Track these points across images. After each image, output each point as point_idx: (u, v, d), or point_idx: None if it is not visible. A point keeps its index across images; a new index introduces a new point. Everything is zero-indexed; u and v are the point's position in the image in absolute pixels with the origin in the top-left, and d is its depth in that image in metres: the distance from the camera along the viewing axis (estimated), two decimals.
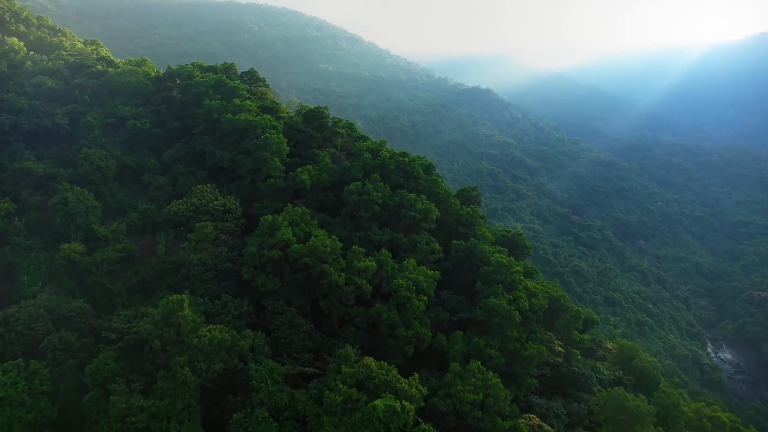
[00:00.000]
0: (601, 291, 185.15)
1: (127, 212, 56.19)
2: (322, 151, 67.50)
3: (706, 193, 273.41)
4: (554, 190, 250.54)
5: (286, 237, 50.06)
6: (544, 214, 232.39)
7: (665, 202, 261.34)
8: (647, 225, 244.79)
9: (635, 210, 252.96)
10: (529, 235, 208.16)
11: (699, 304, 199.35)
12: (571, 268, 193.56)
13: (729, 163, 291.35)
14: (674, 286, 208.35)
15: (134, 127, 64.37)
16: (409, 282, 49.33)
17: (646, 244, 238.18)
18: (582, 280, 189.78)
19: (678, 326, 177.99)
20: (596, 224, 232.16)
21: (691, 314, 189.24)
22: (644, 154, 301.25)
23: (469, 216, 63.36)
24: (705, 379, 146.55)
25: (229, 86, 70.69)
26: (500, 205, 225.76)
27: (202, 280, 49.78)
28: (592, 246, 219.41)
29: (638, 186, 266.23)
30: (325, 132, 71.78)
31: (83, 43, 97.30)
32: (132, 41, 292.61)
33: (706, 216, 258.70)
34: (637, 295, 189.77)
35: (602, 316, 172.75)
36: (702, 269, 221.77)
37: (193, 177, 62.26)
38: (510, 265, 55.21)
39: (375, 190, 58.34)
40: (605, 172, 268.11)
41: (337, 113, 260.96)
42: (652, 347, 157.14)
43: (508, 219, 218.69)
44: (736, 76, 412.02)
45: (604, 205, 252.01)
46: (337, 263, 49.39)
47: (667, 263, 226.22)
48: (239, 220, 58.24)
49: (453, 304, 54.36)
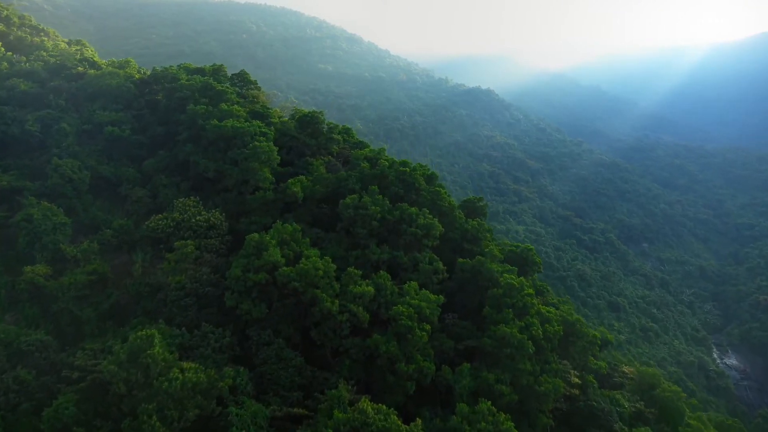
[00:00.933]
0: (605, 295, 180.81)
1: (101, 229, 50.64)
2: (316, 160, 61.98)
3: (709, 195, 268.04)
4: (556, 192, 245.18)
5: (274, 258, 44.58)
6: (546, 216, 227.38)
7: (668, 204, 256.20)
8: (650, 228, 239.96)
9: (638, 212, 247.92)
10: (531, 238, 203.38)
11: (704, 308, 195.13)
12: (574, 272, 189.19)
13: (732, 164, 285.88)
14: (678, 290, 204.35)
15: (112, 134, 58.74)
16: (411, 309, 43.89)
17: (650, 247, 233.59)
18: (585, 284, 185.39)
19: (683, 331, 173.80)
20: (599, 227, 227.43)
21: (696, 319, 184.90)
22: (646, 155, 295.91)
23: (475, 231, 57.87)
24: (711, 386, 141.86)
25: (217, 90, 65.08)
26: (502, 208, 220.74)
27: (181, 306, 44.30)
28: (594, 249, 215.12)
29: (641, 188, 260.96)
30: (319, 138, 66.23)
31: (67, 43, 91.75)
32: (129, 41, 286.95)
33: (710, 218, 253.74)
34: (641, 299, 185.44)
35: (606, 321, 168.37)
36: (706, 273, 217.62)
37: (176, 189, 56.69)
38: (521, 286, 49.73)
39: (373, 203, 52.85)
40: (608, 174, 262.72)
41: (336, 114, 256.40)
42: (657, 353, 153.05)
43: (510, 222, 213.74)
44: (737, 76, 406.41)
45: (607, 207, 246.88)
46: (330, 288, 43.92)
47: (670, 266, 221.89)
48: (224, 236, 52.78)
49: (458, 330, 48.91)
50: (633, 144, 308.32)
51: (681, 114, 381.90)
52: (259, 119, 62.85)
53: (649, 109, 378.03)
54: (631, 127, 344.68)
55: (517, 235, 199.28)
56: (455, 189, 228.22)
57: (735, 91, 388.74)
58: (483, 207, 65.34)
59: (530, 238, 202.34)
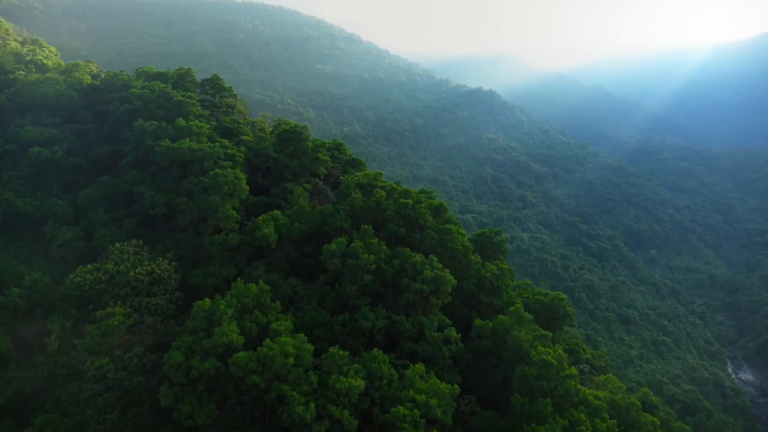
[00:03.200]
0: (614, 307, 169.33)
1: (8, 286, 37.62)
2: (297, 187, 48.75)
3: (718, 200, 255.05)
4: (561, 197, 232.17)
5: (228, 338, 31.58)
6: (552, 222, 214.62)
7: (676, 209, 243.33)
8: (658, 233, 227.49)
9: (645, 217, 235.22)
10: (537, 245, 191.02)
11: (716, 319, 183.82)
12: (582, 282, 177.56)
13: (741, 167, 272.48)
14: (689, 299, 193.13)
15: (39, 157, 45.60)
16: (416, 411, 30.90)
17: (658, 254, 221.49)
18: (594, 295, 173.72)
19: (696, 345, 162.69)
20: (606, 233, 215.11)
21: (709, 331, 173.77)
22: (652, 158, 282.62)
23: (494, 278, 44.81)
24: (727, 404, 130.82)
25: (176, 100, 51.50)
26: (506, 214, 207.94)
27: (98, 407, 31.29)
28: (602, 257, 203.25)
29: (648, 192, 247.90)
30: (303, 158, 52.99)
31: (21, 42, 78.31)
32: (122, 41, 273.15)
33: (720, 223, 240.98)
34: (651, 311, 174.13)
35: (617, 335, 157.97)
36: (717, 281, 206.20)
37: (117, 227, 43.58)
38: (560, 364, 36.68)
39: (366, 250, 39.78)
40: (614, 178, 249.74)
41: (334, 116, 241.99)
42: (671, 370, 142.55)
43: (515, 229, 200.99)
44: (741, 76, 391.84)
45: (614, 212, 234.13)
46: (304, 382, 30.95)
47: (680, 274, 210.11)
48: (174, 293, 39.74)
49: (479, 424, 35.96)
50: (638, 146, 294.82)
51: (685, 115, 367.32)
52: (227, 137, 49.57)
53: (653, 110, 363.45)
54: (634, 128, 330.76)
55: (522, 243, 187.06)
56: (457, 194, 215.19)
57: (739, 91, 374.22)
58: (501, 243, 52.20)
59: (535, 246, 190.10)
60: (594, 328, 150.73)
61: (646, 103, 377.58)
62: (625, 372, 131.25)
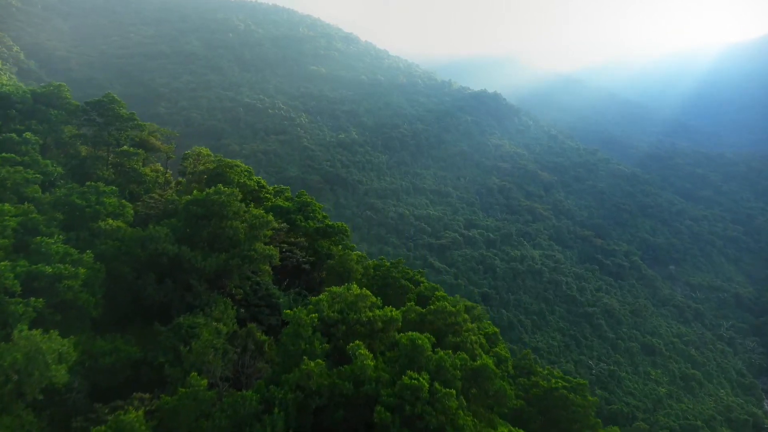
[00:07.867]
0: (637, 336, 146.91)
1: None
2: (204, 320, 23.99)
3: (737, 209, 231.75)
4: (573, 209, 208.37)
5: None
6: (564, 237, 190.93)
7: (694, 220, 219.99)
8: (677, 248, 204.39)
9: (662, 230, 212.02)
10: (550, 265, 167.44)
11: (746, 345, 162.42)
12: (601, 307, 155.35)
13: (759, 174, 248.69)
14: (715, 322, 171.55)
15: None
16: None
17: (677, 270, 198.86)
18: (614, 321, 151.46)
19: (727, 377, 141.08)
20: (622, 248, 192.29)
21: (740, 360, 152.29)
22: (665, 164, 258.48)
23: None
24: None
25: None
26: (515, 229, 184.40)
27: None
28: (619, 275, 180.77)
29: (663, 202, 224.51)
30: (233, 250, 28.21)
31: None
32: (106, 40, 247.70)
33: (740, 236, 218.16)
34: (677, 339, 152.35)
35: (642, 368, 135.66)
36: (743, 301, 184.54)
37: None
38: None
39: None
40: (627, 187, 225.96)
41: (330, 121, 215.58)
42: (704, 409, 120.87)
43: (525, 246, 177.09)
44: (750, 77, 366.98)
45: (629, 224, 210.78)
46: None
47: (702, 293, 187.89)
48: None
49: None
50: (648, 151, 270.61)
51: (694, 117, 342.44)
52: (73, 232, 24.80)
53: (662, 112, 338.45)
54: (643, 132, 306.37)
55: (534, 263, 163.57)
56: (462, 207, 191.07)
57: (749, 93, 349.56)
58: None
59: (548, 265, 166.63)
60: (617, 362, 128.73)
61: (653, 106, 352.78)
62: (656, 417, 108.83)
